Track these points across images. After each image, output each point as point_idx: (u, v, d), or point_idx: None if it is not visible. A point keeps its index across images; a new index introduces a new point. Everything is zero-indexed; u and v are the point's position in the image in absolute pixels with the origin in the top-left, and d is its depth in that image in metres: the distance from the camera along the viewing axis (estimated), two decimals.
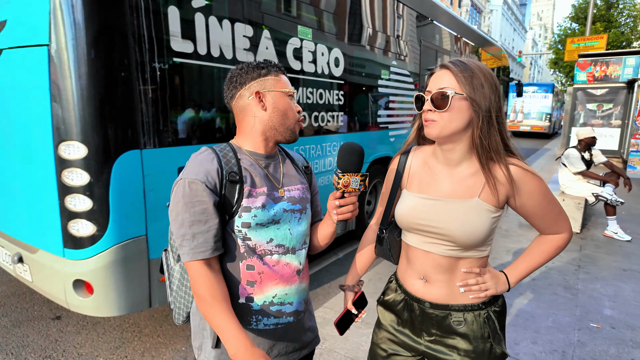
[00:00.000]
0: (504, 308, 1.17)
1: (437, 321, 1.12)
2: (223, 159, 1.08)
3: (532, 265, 1.15)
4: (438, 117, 1.02)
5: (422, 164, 1.16)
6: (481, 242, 1.06)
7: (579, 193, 4.99)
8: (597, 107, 10.56)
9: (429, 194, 1.10)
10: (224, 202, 1.05)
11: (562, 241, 1.12)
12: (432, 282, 1.12)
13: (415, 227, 1.11)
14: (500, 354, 1.11)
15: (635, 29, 21.51)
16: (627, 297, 3.23)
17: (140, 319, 2.93)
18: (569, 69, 22.55)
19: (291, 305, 1.15)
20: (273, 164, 1.18)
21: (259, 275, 1.09)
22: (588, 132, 4.85)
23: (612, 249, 4.39)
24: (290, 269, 1.14)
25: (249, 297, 1.10)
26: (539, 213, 1.08)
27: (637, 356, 2.46)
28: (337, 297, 3.14)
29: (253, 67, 1.12)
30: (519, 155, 1.07)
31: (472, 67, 1.02)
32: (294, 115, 1.15)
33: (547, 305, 3.08)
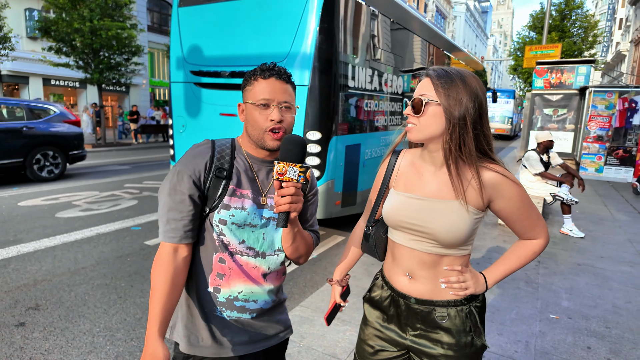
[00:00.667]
0: (484, 303, 1.22)
1: (422, 316, 1.17)
2: (217, 154, 1.13)
3: (510, 268, 1.20)
4: (416, 121, 1.09)
5: (409, 165, 1.21)
6: (463, 241, 1.11)
7: (538, 193, 5.30)
8: (553, 112, 11.21)
9: (415, 193, 1.16)
10: (207, 195, 1.11)
11: (538, 247, 1.18)
12: (417, 278, 1.17)
13: (401, 225, 1.16)
14: (481, 346, 1.17)
15: (586, 39, 22.98)
16: (581, 290, 3.48)
17: (112, 323, 2.84)
18: (527, 75, 23.74)
19: (255, 303, 1.18)
20: (266, 170, 1.20)
21: (228, 270, 1.14)
22: (546, 135, 5.16)
23: (568, 245, 4.70)
24: (257, 272, 1.18)
25: (216, 288, 1.15)
26: (517, 218, 1.14)
27: (592, 344, 2.66)
28: (313, 296, 3.18)
29: (246, 77, 1.16)
30: (500, 162, 1.12)
31: (453, 76, 1.07)
32: (260, 125, 1.11)
33: (511, 298, 3.27)
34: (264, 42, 4.40)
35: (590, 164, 9.95)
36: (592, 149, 9.89)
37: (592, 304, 3.22)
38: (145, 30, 21.07)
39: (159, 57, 25.64)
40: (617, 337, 2.74)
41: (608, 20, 50.10)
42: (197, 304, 1.16)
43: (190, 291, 1.18)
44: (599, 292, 3.46)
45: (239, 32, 4.55)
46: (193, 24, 4.92)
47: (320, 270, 3.97)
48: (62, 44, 14.24)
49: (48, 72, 18.55)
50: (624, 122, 9.57)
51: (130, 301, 3.18)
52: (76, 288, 3.37)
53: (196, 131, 5.03)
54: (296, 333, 2.63)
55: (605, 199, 7.46)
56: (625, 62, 37.96)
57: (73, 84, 20.61)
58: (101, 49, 14.67)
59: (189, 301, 1.18)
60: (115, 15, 14.88)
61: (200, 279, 1.16)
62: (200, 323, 1.16)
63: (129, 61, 15.93)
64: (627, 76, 29.49)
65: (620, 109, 9.56)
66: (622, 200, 7.42)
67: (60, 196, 6.57)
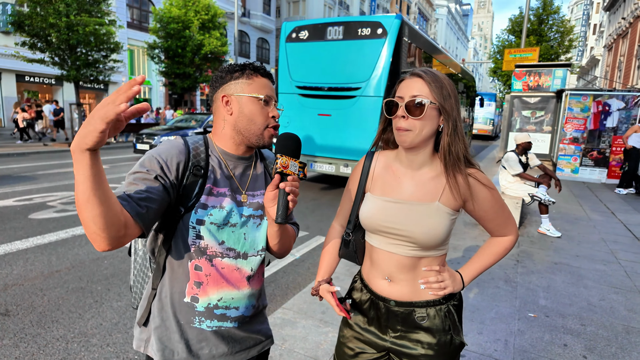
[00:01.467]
0: (461, 301, 1.24)
1: (402, 318, 1.18)
2: (193, 151, 1.08)
3: (484, 265, 1.24)
4: (412, 125, 1.06)
5: (385, 167, 1.21)
6: (441, 243, 1.13)
7: (516, 193, 5.41)
8: (531, 114, 11.48)
9: (392, 196, 1.15)
10: (183, 193, 1.04)
11: (509, 243, 1.22)
12: (396, 281, 1.17)
13: (380, 229, 1.15)
14: (459, 343, 1.19)
15: (562, 44, 23.66)
16: (558, 288, 3.57)
17: (87, 328, 2.75)
18: (506, 77, 24.29)
19: (237, 310, 1.13)
20: (242, 167, 1.16)
21: (206, 277, 1.08)
22: (524, 137, 5.27)
23: (545, 245, 4.82)
24: (240, 274, 1.12)
25: (194, 298, 1.09)
26: (491, 217, 1.17)
27: (568, 341, 2.73)
28: (295, 298, 3.16)
29: (228, 70, 1.10)
30: (477, 164, 1.15)
31: (441, 78, 1.09)
32: (263, 121, 1.10)
33: (491, 298, 3.32)
34: (352, 68, 6.88)
35: (567, 164, 10.23)
36: (568, 150, 10.18)
37: (568, 302, 3.30)
38: (124, 27, 20.59)
39: (139, 55, 25.11)
40: (592, 334, 2.81)
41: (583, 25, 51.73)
42: (173, 315, 1.09)
43: (164, 302, 1.10)
44: (575, 290, 3.55)
45: (333, 59, 7.06)
46: (297, 54, 7.51)
47: (303, 272, 3.95)
48: (37, 39, 13.80)
49: (22, 68, 17.92)
50: (598, 125, 9.87)
51: (106, 305, 3.09)
52: (49, 292, 3.25)
53: (298, 126, 7.43)
54: (278, 336, 2.60)
55: (580, 199, 7.68)
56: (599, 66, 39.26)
57: (49, 80, 19.97)
58: (78, 45, 14.28)
59: (162, 313, 1.10)
60: (93, 11, 14.51)
61: (175, 289, 1.09)
62: (175, 336, 1.09)
63: (108, 58, 15.56)
64: (600, 80, 30.50)
65: (595, 111, 9.86)
66: (597, 200, 7.66)
67: (34, 197, 6.35)
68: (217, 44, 19.32)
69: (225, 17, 23.89)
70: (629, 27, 24.99)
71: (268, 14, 36.22)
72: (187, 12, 18.73)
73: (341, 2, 43.53)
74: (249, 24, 33.65)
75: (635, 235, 5.35)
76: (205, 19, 19.24)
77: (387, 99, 1.13)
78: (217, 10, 19.86)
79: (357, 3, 46.17)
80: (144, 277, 1.21)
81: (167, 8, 18.78)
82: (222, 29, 20.52)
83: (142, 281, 1.21)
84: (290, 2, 40.54)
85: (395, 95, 1.12)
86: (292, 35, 7.58)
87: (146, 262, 1.20)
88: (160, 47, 19.35)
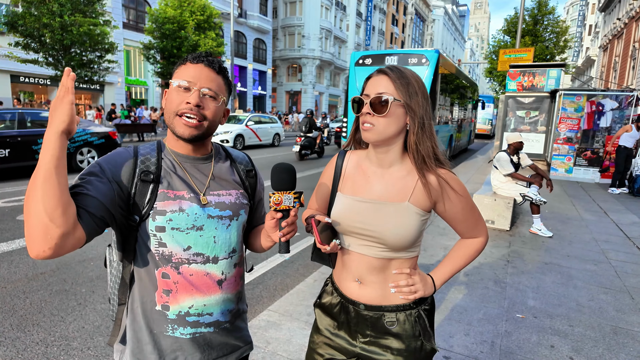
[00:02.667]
0: (432, 306, 1.21)
1: (371, 322, 1.15)
2: (142, 157, 1.03)
3: (455, 268, 1.21)
4: (376, 121, 1.04)
5: (355, 167, 1.18)
6: (411, 244, 1.10)
7: (508, 193, 5.40)
8: (526, 114, 11.49)
9: (361, 195, 1.12)
10: (134, 202, 0.99)
11: (479, 244, 1.20)
12: (366, 283, 1.14)
13: (350, 229, 1.12)
14: (430, 350, 1.15)
15: (557, 44, 23.72)
16: (547, 289, 3.55)
17: (68, 331, 2.71)
18: (502, 77, 24.34)
19: (210, 316, 1.08)
20: (199, 166, 1.11)
21: (174, 285, 1.03)
22: (516, 137, 5.26)
23: (537, 245, 4.80)
24: (210, 280, 1.07)
25: (165, 306, 1.04)
26: (460, 218, 1.15)
27: (555, 342, 2.70)
28: (282, 300, 3.12)
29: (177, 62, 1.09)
30: (447, 163, 1.12)
31: (408, 75, 1.06)
32: (173, 108, 1.02)
33: (479, 298, 3.30)
34: None
35: (561, 164, 10.23)
36: (562, 150, 10.18)
37: (557, 303, 3.28)
38: (120, 27, 20.55)
39: (135, 55, 25.04)
40: (580, 335, 2.79)
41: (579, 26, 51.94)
42: (145, 325, 1.04)
43: (135, 312, 1.05)
44: (564, 290, 3.53)
45: None
46: (362, 74, 10.84)
47: (292, 273, 3.92)
48: (30, 39, 13.73)
49: (17, 69, 17.83)
50: (592, 125, 9.88)
51: (90, 307, 3.05)
52: (32, 295, 3.21)
53: None
54: (261, 338, 2.57)
55: (573, 199, 7.68)
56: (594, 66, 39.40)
57: (44, 81, 19.88)
58: (72, 45, 14.24)
59: (134, 324, 1.05)
60: (87, 11, 14.47)
61: (146, 298, 1.04)
62: (148, 347, 1.04)
63: (102, 58, 15.51)
64: (596, 80, 30.60)
65: (588, 111, 9.87)
66: (590, 200, 7.66)
67: (23, 198, 6.29)
68: (213, 45, 19.30)
69: (222, 17, 23.85)
70: (624, 27, 25.09)
71: (265, 15, 36.19)
72: (183, 12, 18.70)
73: (338, 3, 43.57)
74: (246, 25, 33.66)
75: (627, 234, 5.34)
76: (201, 20, 19.22)
77: (354, 96, 1.10)
78: (213, 10, 19.84)
79: (353, 4, 46.21)
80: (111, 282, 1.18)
81: (162, 8, 18.74)
82: (218, 30, 20.52)
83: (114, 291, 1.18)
84: (287, 3, 40.56)
85: (362, 93, 1.09)
86: (359, 61, 11.50)
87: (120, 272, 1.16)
88: (155, 48, 19.30)
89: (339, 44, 45.48)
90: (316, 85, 42.09)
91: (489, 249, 4.55)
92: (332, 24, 42.20)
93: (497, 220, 5.37)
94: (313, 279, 3.54)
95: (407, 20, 64.34)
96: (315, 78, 41.53)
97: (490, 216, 5.41)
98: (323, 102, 44.54)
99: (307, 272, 3.90)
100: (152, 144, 1.10)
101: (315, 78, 41.53)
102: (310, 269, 3.97)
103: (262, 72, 37.30)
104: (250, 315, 3.05)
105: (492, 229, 5.37)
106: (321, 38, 40.39)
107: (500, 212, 5.34)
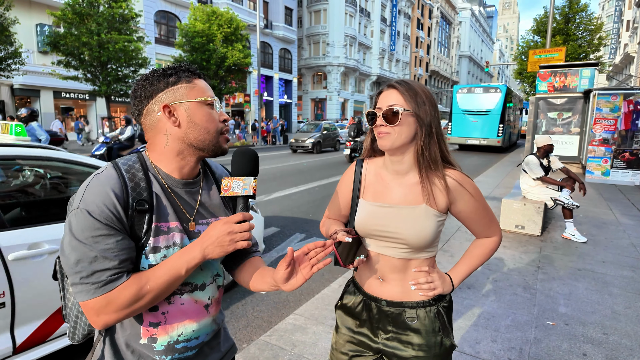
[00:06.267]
0: (451, 303, 1.27)
1: (392, 318, 1.21)
2: (130, 182, 0.90)
3: (472, 267, 1.28)
4: (390, 130, 1.13)
5: (375, 175, 1.26)
6: (430, 244, 1.17)
7: (538, 197, 5.26)
8: (558, 115, 11.12)
9: (382, 201, 1.20)
10: (132, 235, 0.90)
11: (494, 244, 1.26)
12: (388, 281, 1.22)
13: (373, 232, 1.19)
14: (450, 345, 1.21)
15: (591, 42, 22.81)
16: (580, 295, 3.44)
17: None
18: (532, 79, 23.61)
19: (197, 340, 1.04)
20: (190, 192, 1.01)
21: (162, 316, 0.97)
22: (546, 139, 5.13)
23: (569, 250, 4.65)
24: (198, 306, 1.02)
25: (151, 338, 0.97)
26: (474, 218, 1.21)
27: (588, 350, 2.63)
28: (307, 304, 3.19)
29: (159, 75, 0.95)
30: (458, 166, 1.19)
31: (415, 87, 1.14)
32: (216, 126, 0.98)
33: (507, 305, 3.24)
34: (486, 103, 18.93)
35: (597, 167, 9.82)
36: (598, 152, 9.77)
37: (591, 310, 3.18)
38: (152, 42, 21.48)
39: None
40: (615, 344, 2.70)
41: (615, 22, 49.69)
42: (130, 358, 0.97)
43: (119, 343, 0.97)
44: (598, 297, 3.41)
45: (478, 98, 19.27)
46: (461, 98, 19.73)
47: (317, 278, 3.98)
48: (71, 57, 14.60)
49: (58, 85, 18.98)
50: (630, 125, 9.45)
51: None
52: None
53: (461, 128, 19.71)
54: (287, 341, 2.64)
55: (610, 203, 7.35)
56: (633, 63, 37.52)
57: (83, 96, 21.05)
58: (109, 61, 15.03)
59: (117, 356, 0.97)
60: (122, 29, 15.25)
61: (127, 332, 0.97)
62: None
63: (136, 73, 16.26)
64: (635, 78, 29.12)
65: (626, 111, 9.44)
66: (629, 204, 7.31)
67: None
68: (240, 56, 19.82)
69: (248, 29, 24.48)
70: None
71: (290, 25, 36.81)
72: (211, 26, 19.34)
73: (362, 10, 43.74)
74: (272, 35, 34.34)
75: None
76: (228, 32, 19.80)
77: (368, 110, 1.19)
78: (240, 23, 20.41)
79: (378, 10, 46.24)
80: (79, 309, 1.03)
81: (191, 23, 19.46)
82: (245, 41, 21.04)
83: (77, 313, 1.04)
84: (312, 12, 41.09)
85: (375, 106, 1.18)
86: (459, 90, 19.82)
87: None
88: (185, 61, 20.05)
89: (363, 50, 45.58)
90: (341, 92, 42.27)
91: (518, 255, 4.45)
92: (357, 31, 42.39)
93: (527, 225, 5.24)
94: (338, 284, 3.58)
95: (433, 24, 63.67)
96: (340, 85, 41.74)
97: (520, 221, 5.28)
98: (348, 108, 44.62)
99: (332, 278, 3.95)
100: (133, 159, 0.97)
101: (340, 85, 41.74)
102: (334, 275, 4.02)
103: (287, 80, 37.86)
104: (277, 319, 3.13)
105: (522, 234, 5.24)
106: (345, 45, 40.63)
107: (530, 217, 5.21)
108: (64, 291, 1.04)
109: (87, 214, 0.83)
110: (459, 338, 2.74)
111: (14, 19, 13.65)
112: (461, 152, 20.06)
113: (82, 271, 0.83)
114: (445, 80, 72.80)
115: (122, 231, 0.87)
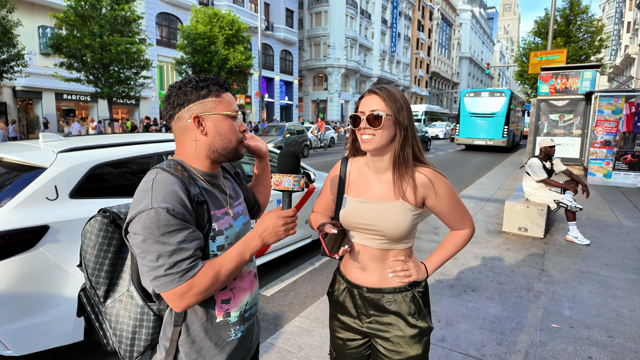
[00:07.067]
0: (426, 289, 1.41)
1: (373, 303, 1.35)
2: (185, 180, 1.02)
3: (445, 256, 1.40)
4: (374, 132, 1.23)
5: (358, 172, 1.38)
6: (405, 235, 1.29)
7: (541, 200, 5.27)
8: (559, 117, 11.13)
9: (364, 197, 1.32)
10: (197, 225, 1.01)
11: (466, 235, 1.39)
12: (368, 270, 1.34)
13: (355, 225, 1.32)
14: (427, 327, 1.34)
15: (592, 44, 22.83)
16: (584, 298, 3.45)
17: None
18: (533, 80, 23.64)
19: (255, 307, 1.23)
20: (220, 183, 1.18)
21: (231, 292, 1.12)
22: (547, 142, 5.15)
23: (573, 253, 4.65)
24: (250, 275, 1.20)
25: (226, 314, 1.11)
26: (446, 212, 1.34)
27: (593, 353, 2.64)
28: (313, 307, 3.20)
29: (192, 87, 1.05)
30: (431, 164, 1.31)
31: (395, 93, 1.25)
32: (237, 137, 1.12)
33: (512, 308, 3.25)
34: (491, 105, 19.97)
35: (598, 169, 9.82)
36: (600, 154, 9.78)
37: (595, 313, 3.19)
38: (154, 44, 21.51)
39: (168, 70, 26.11)
40: (620, 347, 2.71)
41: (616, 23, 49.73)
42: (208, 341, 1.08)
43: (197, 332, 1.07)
44: (603, 300, 3.41)
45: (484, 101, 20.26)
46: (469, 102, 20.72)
47: (322, 281, 3.99)
48: (73, 59, 14.64)
49: (60, 87, 18.99)
50: (632, 127, 9.45)
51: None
52: None
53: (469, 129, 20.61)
54: (294, 344, 2.65)
55: (612, 205, 7.36)
56: (634, 65, 37.53)
57: (84, 98, 21.05)
58: (111, 63, 15.05)
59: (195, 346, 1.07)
60: (125, 31, 15.28)
61: (204, 319, 1.08)
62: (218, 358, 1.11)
63: (138, 75, 16.29)
64: (636, 80, 29.13)
65: (627, 113, 9.44)
66: (631, 206, 7.32)
67: None
68: (242, 58, 19.86)
69: (249, 31, 24.53)
70: None
71: (291, 27, 36.86)
72: (213, 28, 19.38)
73: (363, 12, 43.79)
74: (273, 37, 34.40)
75: None
76: (230, 34, 19.84)
77: (352, 113, 1.29)
78: (241, 25, 20.46)
79: (378, 12, 46.32)
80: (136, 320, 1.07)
81: (193, 25, 19.51)
82: (246, 43, 21.09)
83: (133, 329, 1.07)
84: (313, 14, 41.14)
85: (357, 110, 1.27)
86: (466, 94, 20.76)
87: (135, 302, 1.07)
88: (187, 63, 20.08)
89: (364, 52, 45.62)
90: (342, 94, 42.31)
91: (521, 257, 4.46)
92: (357, 33, 42.42)
93: (530, 227, 5.25)
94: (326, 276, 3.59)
95: (434, 26, 63.73)
96: (341, 86, 41.77)
97: (523, 223, 5.29)
98: (349, 109, 44.64)
99: None
100: (173, 163, 1.07)
101: (341, 86, 41.77)
102: None
103: (288, 82, 37.91)
104: (283, 322, 3.14)
105: (525, 237, 5.24)
106: (346, 47, 40.66)
107: (533, 220, 5.22)
108: (98, 322, 1.10)
109: (163, 212, 0.93)
110: (464, 341, 2.76)
111: (16, 21, 13.69)
112: (468, 151, 20.52)
113: (165, 264, 0.94)
114: (446, 82, 72.83)
115: (192, 223, 0.99)
